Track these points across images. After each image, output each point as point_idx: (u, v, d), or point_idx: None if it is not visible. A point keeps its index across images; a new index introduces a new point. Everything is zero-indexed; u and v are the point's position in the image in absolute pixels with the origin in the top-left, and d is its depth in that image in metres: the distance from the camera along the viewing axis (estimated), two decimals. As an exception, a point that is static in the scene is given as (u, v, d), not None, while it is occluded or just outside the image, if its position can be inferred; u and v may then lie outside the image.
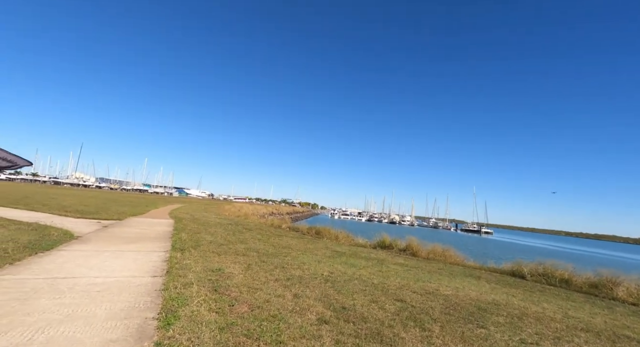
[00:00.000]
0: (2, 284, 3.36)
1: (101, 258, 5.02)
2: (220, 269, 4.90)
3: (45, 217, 10.10)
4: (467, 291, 5.63)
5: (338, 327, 3.15)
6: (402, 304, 4.27)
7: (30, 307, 2.80)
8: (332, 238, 12.94)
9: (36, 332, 2.33)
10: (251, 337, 2.61)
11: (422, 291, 5.19)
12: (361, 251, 9.88)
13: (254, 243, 8.41)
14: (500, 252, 23.50)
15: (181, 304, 3.17)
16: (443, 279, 6.66)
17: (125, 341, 2.34)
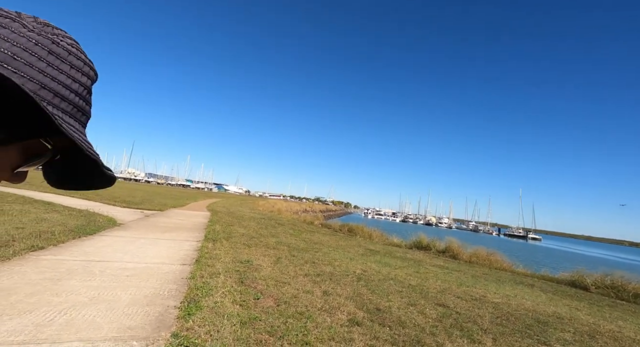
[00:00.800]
0: (41, 263, 3.46)
1: (137, 245, 5.13)
2: (249, 260, 4.75)
3: (96, 205, 10.83)
4: (520, 299, 4.96)
5: (372, 330, 2.81)
6: (445, 310, 3.80)
7: (60, 287, 2.80)
8: (366, 236, 12.49)
9: (58, 314, 2.28)
10: (274, 335, 2.36)
11: (467, 296, 4.64)
12: (396, 251, 9.36)
13: (285, 237, 8.28)
14: (553, 261, 21.31)
15: (205, 294, 3.02)
16: (490, 284, 5.98)
17: (142, 329, 2.20)
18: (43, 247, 4.16)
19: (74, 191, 0.52)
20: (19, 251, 3.78)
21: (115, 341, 2.01)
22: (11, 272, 3.04)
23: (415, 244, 11.39)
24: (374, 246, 9.63)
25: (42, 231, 5.03)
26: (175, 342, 2.04)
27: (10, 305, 2.33)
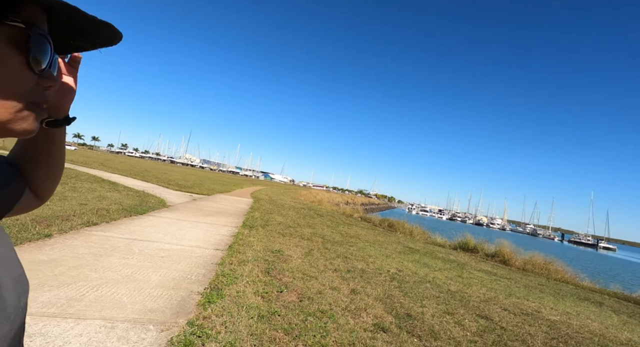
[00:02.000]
0: (91, 238, 3.76)
1: (178, 226, 5.41)
2: (280, 250, 4.73)
3: (152, 187, 11.81)
4: (584, 319, 4.27)
5: (399, 339, 2.56)
6: (488, 323, 3.38)
7: (100, 263, 2.99)
8: (406, 233, 11.95)
9: (91, 289, 2.41)
10: (290, 334, 2.24)
11: (517, 309, 4.11)
12: (438, 251, 8.77)
13: (321, 229, 8.20)
14: (630, 276, 18.49)
15: (230, 282, 3.02)
16: (546, 298, 5.27)
17: (162, 313, 2.23)
18: (97, 223, 4.56)
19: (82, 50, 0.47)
20: (76, 225, 4.17)
21: (133, 323, 2.05)
22: (64, 245, 3.34)
23: (461, 245, 10.60)
24: (414, 244, 9.13)
25: (100, 208, 5.54)
26: (189, 330, 2.02)
27: (54, 276, 2.52)
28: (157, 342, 1.88)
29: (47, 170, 0.56)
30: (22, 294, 0.39)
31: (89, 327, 1.92)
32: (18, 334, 0.38)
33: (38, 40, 0.36)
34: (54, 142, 0.54)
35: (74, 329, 1.87)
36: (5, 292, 0.36)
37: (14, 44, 0.34)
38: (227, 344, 1.95)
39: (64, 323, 1.91)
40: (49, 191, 0.59)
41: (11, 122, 0.36)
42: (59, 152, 0.56)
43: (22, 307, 0.38)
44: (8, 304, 0.35)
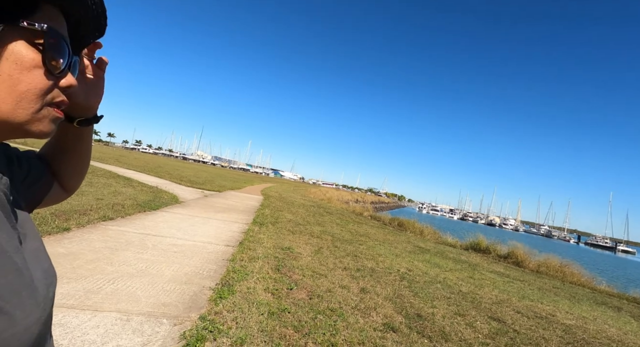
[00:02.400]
0: (107, 233, 3.86)
1: (190, 222, 5.50)
2: (290, 248, 4.75)
3: (165, 183, 12.03)
4: (601, 324, 4.15)
5: (409, 339, 2.54)
6: (500, 326, 3.32)
7: (116, 257, 3.07)
8: (417, 232, 11.85)
9: (107, 282, 2.47)
10: (300, 331, 2.25)
11: (530, 312, 4.02)
12: (449, 251, 8.66)
13: (331, 227, 8.20)
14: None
15: (241, 278, 3.06)
16: (561, 301, 5.15)
17: (175, 307, 2.28)
18: (112, 218, 4.68)
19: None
20: (93, 220, 4.29)
21: (148, 316, 2.09)
22: (81, 239, 3.44)
23: (473, 245, 10.44)
24: (425, 244, 9.04)
25: (115, 203, 5.68)
26: (201, 325, 2.06)
27: (72, 269, 2.60)
28: (171, 336, 1.92)
29: (75, 165, 0.60)
30: (50, 285, 0.41)
31: (106, 319, 1.97)
32: (47, 322, 0.40)
33: (55, 42, 0.37)
34: (82, 139, 0.58)
35: (91, 320, 1.92)
36: (37, 282, 0.38)
37: (30, 46, 0.35)
38: (238, 339, 1.98)
39: (82, 315, 1.97)
40: (76, 185, 0.63)
41: (28, 124, 0.36)
42: (86, 149, 0.60)
43: (50, 297, 0.41)
44: (39, 293, 0.37)
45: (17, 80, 0.34)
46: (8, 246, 0.35)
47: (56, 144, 0.57)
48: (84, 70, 0.50)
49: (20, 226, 0.40)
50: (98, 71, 0.52)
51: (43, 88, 0.36)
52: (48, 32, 0.36)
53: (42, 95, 0.37)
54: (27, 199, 0.49)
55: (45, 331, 0.40)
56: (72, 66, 0.42)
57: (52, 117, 0.39)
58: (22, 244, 0.39)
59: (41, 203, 0.54)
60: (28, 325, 0.34)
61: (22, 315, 0.33)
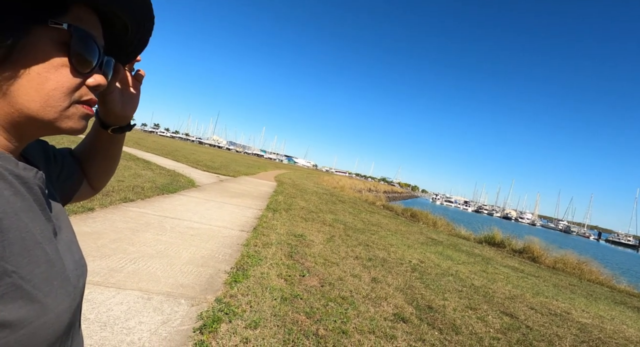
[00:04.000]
0: (128, 214, 4.01)
1: (206, 206, 5.63)
2: (303, 235, 4.82)
3: (182, 167, 12.31)
4: (619, 325, 4.05)
5: (419, 330, 2.56)
6: (512, 321, 3.29)
7: (136, 238, 3.19)
8: (429, 223, 11.76)
9: (129, 262, 2.58)
10: (312, 318, 2.31)
11: (544, 309, 3.96)
12: (462, 244, 8.57)
13: (343, 215, 8.24)
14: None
15: (255, 263, 3.13)
16: (577, 299, 5.04)
17: (192, 289, 2.36)
18: (133, 199, 4.84)
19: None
20: (115, 201, 4.46)
21: (167, 296, 2.19)
22: (104, 219, 3.59)
23: (487, 238, 10.29)
24: (437, 236, 8.97)
25: (135, 186, 5.87)
26: (217, 307, 2.13)
27: (97, 248, 2.73)
28: (189, 316, 2.01)
29: (104, 166, 0.63)
30: (80, 276, 0.44)
31: (128, 296, 2.07)
32: (77, 311, 0.42)
33: (81, 40, 0.37)
34: (114, 144, 0.62)
35: (115, 297, 2.03)
36: (69, 272, 0.40)
37: (59, 46, 0.36)
38: (252, 322, 2.05)
39: (107, 291, 2.08)
40: (103, 184, 0.67)
41: (57, 121, 0.38)
42: (117, 153, 0.64)
43: (80, 288, 0.43)
44: (70, 283, 0.39)
45: (45, 79, 0.35)
46: (42, 237, 0.36)
47: (89, 146, 0.61)
48: (125, 82, 0.53)
49: (55, 218, 0.42)
50: (136, 83, 0.55)
51: (70, 86, 0.37)
52: (74, 31, 0.37)
53: (70, 93, 0.38)
54: (60, 194, 0.52)
55: (74, 320, 0.42)
56: (102, 66, 0.43)
57: (82, 115, 0.40)
58: (57, 236, 0.41)
59: (71, 199, 0.58)
60: (59, 313, 0.36)
61: (53, 303, 0.35)
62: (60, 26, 0.36)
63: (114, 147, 0.62)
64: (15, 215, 0.33)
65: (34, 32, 0.35)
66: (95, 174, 0.62)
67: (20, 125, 0.37)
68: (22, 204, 0.35)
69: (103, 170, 0.63)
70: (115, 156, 0.64)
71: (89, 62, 0.39)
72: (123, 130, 0.58)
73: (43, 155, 0.49)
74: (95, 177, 0.63)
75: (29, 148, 0.45)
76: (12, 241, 0.32)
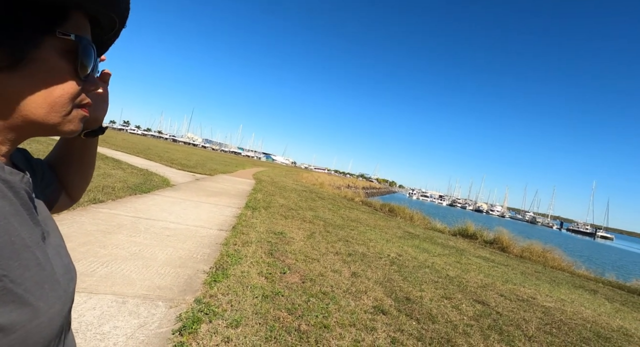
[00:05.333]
0: (98, 216, 3.83)
1: (182, 206, 5.47)
2: (283, 232, 4.81)
3: (155, 166, 11.85)
4: (578, 306, 4.38)
5: (398, 321, 2.65)
6: (484, 308, 3.48)
7: (108, 240, 3.06)
8: (407, 218, 12.08)
9: (101, 265, 2.47)
10: (293, 314, 2.32)
11: (513, 295, 4.21)
12: (438, 237, 8.89)
13: (323, 212, 8.29)
14: (625, 265, 18.78)
15: (235, 262, 3.09)
16: (542, 285, 5.39)
17: (170, 290, 2.30)
18: (103, 200, 4.62)
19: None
20: (83, 202, 4.22)
21: (143, 298, 2.12)
22: (72, 222, 3.40)
23: (460, 231, 10.73)
24: (414, 229, 9.25)
25: (105, 186, 5.60)
26: (197, 308, 2.09)
27: (64, 252, 2.59)
28: (167, 318, 1.96)
29: (80, 172, 0.63)
30: (70, 280, 0.43)
31: (101, 301, 1.99)
32: (67, 315, 0.42)
33: (85, 49, 0.40)
34: (87, 149, 0.61)
35: (86, 303, 1.94)
36: (58, 276, 0.40)
37: (64, 55, 0.38)
38: (233, 321, 2.03)
39: (77, 297, 1.97)
40: (80, 192, 0.65)
41: (60, 125, 0.40)
42: (92, 158, 0.63)
43: (70, 292, 0.43)
44: (60, 287, 0.39)
45: (51, 87, 0.37)
46: (31, 241, 0.36)
47: (62, 154, 0.60)
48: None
49: (43, 223, 0.42)
50: (103, 84, 0.54)
51: (74, 93, 0.39)
52: (80, 41, 0.38)
53: (73, 99, 0.40)
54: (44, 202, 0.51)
55: (65, 323, 0.42)
56: (94, 69, 0.44)
57: (81, 117, 0.42)
58: (46, 240, 0.40)
59: (51, 210, 0.55)
60: (51, 316, 0.36)
61: (45, 307, 0.35)
62: (68, 37, 0.37)
63: (88, 153, 0.61)
64: (4, 219, 0.33)
65: (42, 42, 0.36)
66: (72, 182, 0.61)
67: (19, 130, 0.38)
68: (9, 208, 0.34)
69: (79, 177, 0.62)
70: (91, 162, 0.63)
71: (88, 68, 0.41)
72: (96, 134, 0.58)
73: (26, 163, 0.48)
74: (71, 185, 0.61)
75: (13, 155, 0.44)
76: (1, 244, 0.31)
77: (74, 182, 0.62)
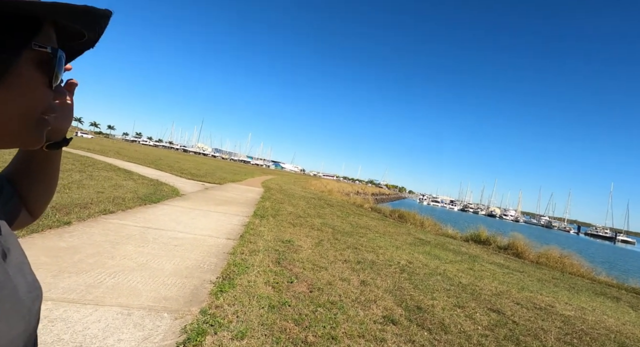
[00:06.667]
0: (108, 226, 3.87)
1: (191, 215, 5.50)
2: (291, 240, 4.77)
3: (165, 176, 12.03)
4: (600, 315, 4.18)
5: (409, 332, 2.56)
6: (499, 317, 3.34)
7: (116, 251, 3.08)
8: (417, 224, 11.88)
9: (108, 276, 2.48)
10: (300, 325, 2.27)
11: (529, 303, 4.05)
12: (449, 243, 8.70)
13: (331, 219, 8.23)
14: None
15: (241, 271, 3.07)
16: (560, 292, 5.18)
17: (176, 301, 2.29)
18: (113, 211, 4.68)
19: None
20: (93, 213, 4.29)
21: (149, 310, 2.10)
22: (82, 233, 3.45)
23: (473, 236, 10.47)
24: (425, 236, 9.08)
25: (116, 197, 5.69)
26: (202, 319, 2.07)
27: (73, 263, 2.61)
28: (172, 330, 1.93)
29: (42, 188, 0.58)
30: (35, 299, 0.41)
31: (107, 313, 1.98)
32: (32, 335, 0.40)
33: (59, 60, 0.39)
34: (52, 160, 0.57)
35: (92, 315, 1.94)
36: (22, 294, 0.38)
37: (39, 66, 0.37)
38: (238, 333, 1.99)
39: (83, 309, 1.98)
40: (42, 208, 0.60)
41: (24, 136, 0.39)
42: (55, 171, 0.59)
43: (35, 311, 0.40)
44: (23, 306, 0.37)
45: (25, 99, 0.37)
46: None
47: (22, 167, 0.55)
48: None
49: (3, 240, 0.40)
50: (69, 94, 0.51)
51: (45, 103, 0.39)
52: (55, 53, 0.38)
53: (44, 110, 0.39)
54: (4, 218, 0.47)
55: (30, 345, 0.39)
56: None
57: (45, 129, 0.41)
58: (7, 258, 0.39)
59: (12, 226, 0.51)
60: (12, 338, 0.34)
61: (5, 328, 0.33)
62: (44, 49, 0.37)
63: (51, 165, 0.57)
64: None
65: (19, 56, 0.35)
66: (34, 198, 0.57)
67: None
68: None
69: (41, 192, 0.58)
70: (53, 175, 0.59)
71: (60, 79, 0.40)
72: (59, 146, 0.54)
73: None
74: (32, 200, 0.57)
75: None
76: None
77: (36, 197, 0.57)
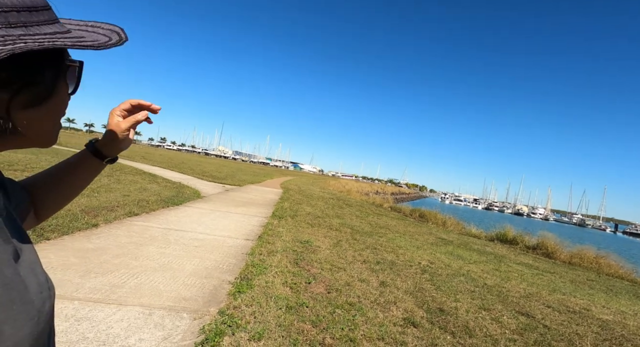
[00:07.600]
0: (132, 228, 4.01)
1: (211, 217, 5.62)
2: (309, 241, 4.75)
3: (187, 178, 12.39)
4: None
5: (430, 335, 2.47)
6: (529, 321, 3.17)
7: (140, 252, 3.18)
8: (439, 223, 11.57)
9: (132, 277, 2.56)
10: (318, 326, 2.24)
11: (562, 306, 3.82)
12: (473, 242, 8.39)
13: (350, 219, 8.15)
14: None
15: (259, 272, 3.08)
16: (597, 295, 4.86)
17: (195, 301, 2.32)
18: (138, 214, 4.85)
19: None
20: (119, 216, 4.47)
21: (169, 310, 2.15)
22: (108, 234, 3.59)
23: (498, 236, 10.07)
24: (447, 235, 8.81)
25: (140, 200, 5.90)
26: (220, 320, 2.08)
27: (99, 264, 2.72)
28: (190, 330, 1.96)
29: (67, 197, 0.65)
30: (46, 299, 0.40)
31: (129, 313, 2.04)
32: (42, 336, 0.39)
33: (80, 72, 0.45)
34: (98, 173, 0.66)
35: (115, 314, 2.00)
36: (32, 295, 0.37)
37: (67, 78, 0.43)
38: (255, 334, 1.99)
39: (107, 309, 2.05)
40: (50, 214, 0.66)
41: (48, 139, 0.44)
42: (88, 182, 0.67)
43: (46, 311, 0.40)
44: (32, 307, 0.36)
45: (60, 110, 0.43)
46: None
47: (58, 177, 0.62)
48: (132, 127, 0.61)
49: (16, 240, 0.40)
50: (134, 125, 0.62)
51: (65, 111, 0.45)
52: (81, 64, 0.44)
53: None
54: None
55: (41, 345, 0.39)
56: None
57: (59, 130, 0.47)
58: (19, 258, 0.38)
59: None
60: (17, 340, 0.33)
61: (10, 330, 0.32)
62: (75, 64, 0.43)
63: (95, 176, 0.67)
64: None
65: (59, 71, 0.40)
66: (51, 205, 0.62)
67: (11, 147, 0.40)
68: None
69: (61, 201, 0.64)
70: (85, 186, 0.67)
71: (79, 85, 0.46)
72: (113, 162, 0.65)
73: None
74: (45, 208, 0.62)
75: None
76: None
77: (53, 205, 0.63)
